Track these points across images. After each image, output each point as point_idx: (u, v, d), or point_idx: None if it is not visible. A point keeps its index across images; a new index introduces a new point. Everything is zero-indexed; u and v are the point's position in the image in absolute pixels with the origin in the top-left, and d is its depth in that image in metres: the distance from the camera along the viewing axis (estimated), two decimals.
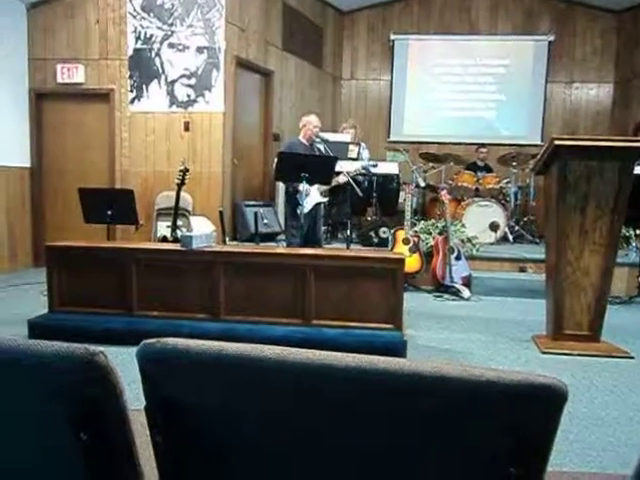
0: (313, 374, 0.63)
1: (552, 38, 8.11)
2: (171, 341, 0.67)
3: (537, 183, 6.99)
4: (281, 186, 6.15)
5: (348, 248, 5.30)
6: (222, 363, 0.65)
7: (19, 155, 6.19)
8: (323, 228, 5.66)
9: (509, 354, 3.60)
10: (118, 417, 0.73)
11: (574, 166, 3.38)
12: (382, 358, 0.64)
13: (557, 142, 3.35)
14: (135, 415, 0.80)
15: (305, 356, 0.64)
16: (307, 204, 4.75)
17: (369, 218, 6.89)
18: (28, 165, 6.31)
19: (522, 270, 5.75)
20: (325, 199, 5.18)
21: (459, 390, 0.62)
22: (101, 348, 0.72)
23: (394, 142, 8.15)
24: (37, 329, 3.64)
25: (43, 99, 6.33)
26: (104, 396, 0.70)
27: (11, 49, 6.03)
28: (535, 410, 0.62)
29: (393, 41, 8.44)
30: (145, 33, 6.06)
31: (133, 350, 2.92)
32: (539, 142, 8.09)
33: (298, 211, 4.68)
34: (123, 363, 3.28)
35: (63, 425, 0.72)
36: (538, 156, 3.74)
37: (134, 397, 0.85)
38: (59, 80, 6.23)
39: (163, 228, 5.23)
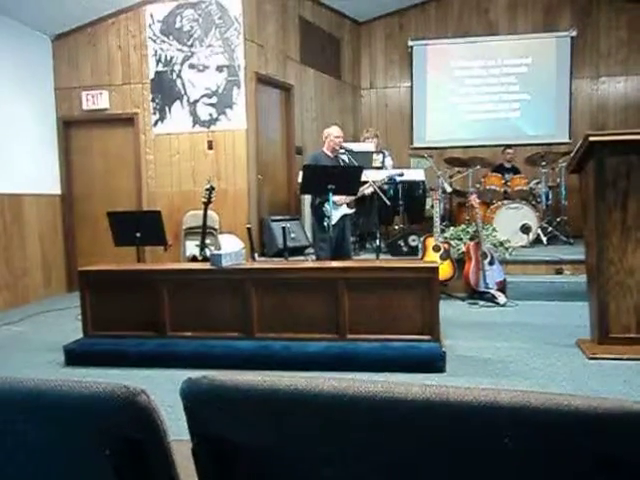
0: (377, 408, 0.57)
1: (574, 33, 7.93)
2: (218, 376, 0.62)
3: (568, 182, 6.80)
4: (307, 199, 6.12)
5: (377, 258, 5.22)
6: (274, 399, 0.59)
7: (50, 183, 6.32)
8: (351, 239, 5.59)
9: (554, 361, 3.45)
10: (162, 460, 0.67)
11: (612, 162, 3.25)
12: (452, 388, 0.57)
13: (592, 138, 3.23)
14: (175, 446, 0.75)
15: (366, 389, 0.57)
16: (334, 216, 4.70)
17: (397, 227, 6.79)
18: (59, 192, 6.43)
19: (558, 272, 5.56)
20: (352, 210, 5.12)
21: (544, 421, 0.54)
22: (143, 387, 0.66)
23: (417, 148, 8.06)
24: (73, 355, 3.66)
25: (70, 127, 6.46)
26: (147, 438, 0.65)
27: (38, 80, 6.18)
28: (634, 442, 0.54)
29: (411, 47, 8.38)
30: (165, 56, 6.14)
31: (167, 372, 2.89)
32: (567, 140, 7.90)
33: (325, 224, 4.63)
34: (158, 386, 3.25)
35: (104, 470, 0.67)
36: (572, 154, 3.62)
37: (171, 423, 0.79)
38: (85, 107, 6.35)
39: (192, 247, 5.24)
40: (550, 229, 6.67)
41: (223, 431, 0.64)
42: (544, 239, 6.45)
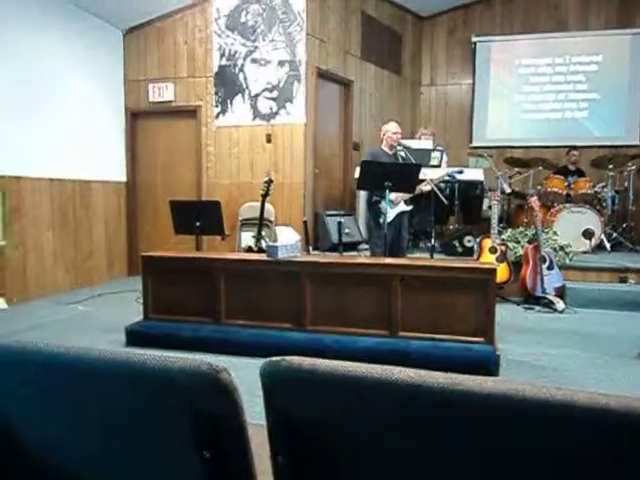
0: (449, 401, 0.58)
1: None
2: (297, 360, 0.65)
3: (637, 186, 6.49)
4: (362, 195, 6.12)
5: (432, 257, 5.17)
6: (350, 385, 0.62)
7: (116, 170, 6.62)
8: (407, 237, 5.55)
9: (613, 372, 3.32)
10: (240, 435, 0.71)
11: None
12: (529, 386, 0.58)
13: None
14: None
15: (438, 381, 0.59)
16: (391, 213, 4.68)
17: (451, 227, 6.69)
18: (124, 179, 6.73)
19: (622, 281, 5.32)
20: (409, 207, 5.08)
21: (622, 425, 0.54)
22: (220, 360, 0.70)
23: (477, 148, 7.88)
24: (133, 335, 3.84)
25: (137, 117, 6.74)
26: (227, 414, 0.69)
27: (110, 72, 6.48)
28: None
29: (475, 43, 8.19)
30: (229, 50, 6.28)
31: (220, 358, 3.01)
32: (637, 142, 7.51)
33: (381, 220, 4.62)
34: None
35: (187, 442, 0.71)
36: None
37: None
38: (151, 99, 6.60)
39: (247, 238, 5.36)
40: (615, 235, 6.38)
41: (298, 411, 0.67)
42: (608, 245, 6.17)
